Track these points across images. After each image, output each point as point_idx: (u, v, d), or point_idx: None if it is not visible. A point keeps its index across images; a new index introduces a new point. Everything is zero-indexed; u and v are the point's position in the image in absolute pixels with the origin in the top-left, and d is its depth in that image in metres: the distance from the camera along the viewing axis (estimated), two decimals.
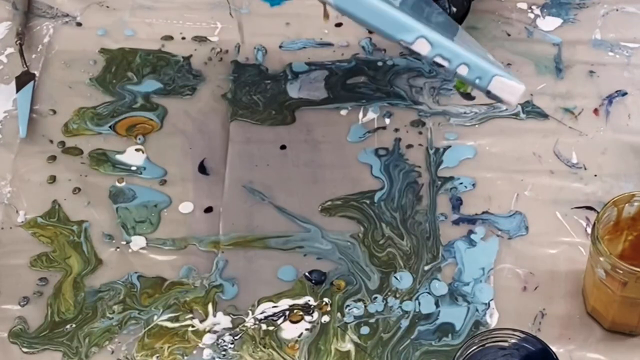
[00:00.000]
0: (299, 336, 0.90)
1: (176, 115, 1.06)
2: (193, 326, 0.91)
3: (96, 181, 1.01)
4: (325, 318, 0.91)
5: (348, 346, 0.90)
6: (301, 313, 0.91)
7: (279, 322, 0.91)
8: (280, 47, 1.11)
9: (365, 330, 0.90)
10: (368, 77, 1.08)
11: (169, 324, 0.92)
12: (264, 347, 0.90)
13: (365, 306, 0.92)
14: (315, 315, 0.92)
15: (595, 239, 0.84)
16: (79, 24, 1.14)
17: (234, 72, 1.09)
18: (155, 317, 0.92)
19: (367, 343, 0.90)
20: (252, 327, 0.91)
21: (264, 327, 0.91)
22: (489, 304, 0.91)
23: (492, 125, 1.04)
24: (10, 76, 1.09)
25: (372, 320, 0.91)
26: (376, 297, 0.92)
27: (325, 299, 0.92)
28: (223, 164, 1.02)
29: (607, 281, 0.85)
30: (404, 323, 0.91)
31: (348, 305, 0.92)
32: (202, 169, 1.02)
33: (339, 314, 0.91)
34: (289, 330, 0.91)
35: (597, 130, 1.03)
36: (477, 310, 0.91)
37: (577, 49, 1.09)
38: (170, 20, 1.14)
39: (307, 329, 0.91)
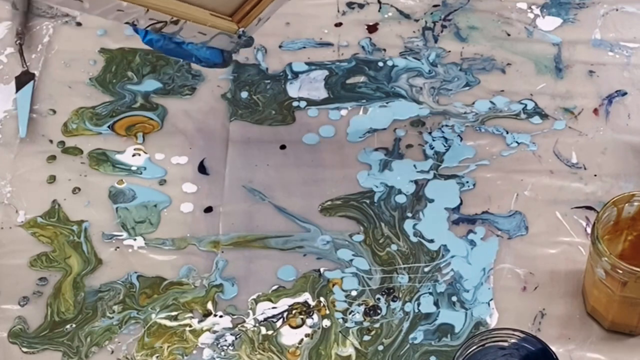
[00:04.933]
0: (300, 342, 0.90)
1: (176, 115, 1.06)
2: (191, 326, 0.91)
3: (96, 181, 1.01)
4: (327, 322, 0.91)
5: (349, 351, 0.90)
6: (301, 316, 0.91)
7: (278, 324, 0.91)
8: (280, 47, 1.11)
9: (367, 335, 0.90)
10: (368, 77, 1.08)
11: (168, 322, 0.92)
12: (263, 350, 0.90)
13: (368, 310, 0.92)
14: (315, 318, 0.91)
15: (595, 239, 0.84)
16: (79, 24, 1.14)
17: (234, 72, 1.09)
18: (154, 316, 0.92)
19: (368, 349, 0.90)
20: (252, 329, 0.91)
21: (263, 330, 0.91)
22: (488, 304, 0.91)
23: (492, 125, 1.04)
24: (10, 76, 1.09)
25: (376, 325, 0.91)
26: (379, 298, 0.92)
27: (322, 299, 0.92)
28: (223, 164, 1.02)
29: (607, 281, 0.85)
30: (405, 325, 0.91)
31: (352, 312, 0.92)
32: (202, 169, 1.02)
33: (340, 319, 0.91)
34: (289, 336, 0.91)
35: (597, 130, 1.03)
36: (477, 310, 0.91)
37: (577, 49, 1.09)
38: None
39: (307, 335, 0.91)
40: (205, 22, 0.88)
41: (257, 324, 0.91)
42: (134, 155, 1.03)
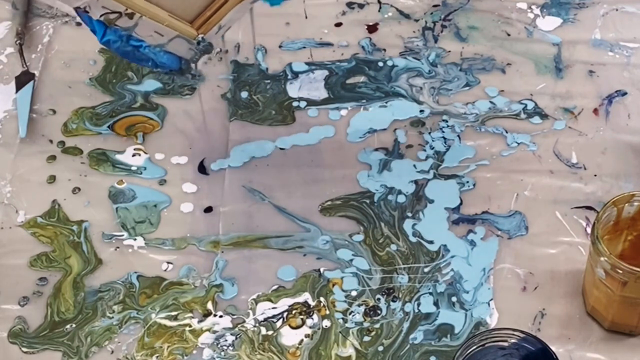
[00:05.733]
0: (300, 343, 0.90)
1: (176, 115, 1.06)
2: (190, 326, 0.91)
3: (96, 181, 1.01)
4: (327, 323, 0.91)
5: (349, 351, 0.90)
6: (301, 317, 0.91)
7: (278, 324, 0.91)
8: (280, 47, 1.11)
9: (367, 336, 0.90)
10: (368, 77, 1.08)
11: (168, 322, 0.92)
12: (263, 351, 0.90)
13: (368, 310, 0.92)
14: (315, 318, 0.91)
15: (595, 239, 0.84)
16: (79, 24, 1.13)
17: (234, 72, 1.09)
18: (154, 316, 0.92)
19: (368, 349, 0.90)
20: (252, 329, 0.91)
21: (263, 330, 0.91)
22: (488, 304, 0.91)
23: (492, 125, 1.04)
24: (10, 76, 1.09)
25: (376, 325, 0.91)
26: (379, 299, 0.92)
27: (322, 299, 0.92)
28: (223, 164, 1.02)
29: (607, 281, 0.85)
30: (405, 325, 0.91)
31: (352, 312, 0.92)
32: (202, 169, 1.02)
33: (340, 320, 0.91)
34: (289, 336, 0.91)
35: (596, 130, 1.03)
36: (477, 310, 0.91)
37: (577, 49, 1.09)
38: None
39: (307, 335, 0.91)
40: (162, 22, 0.86)
41: (257, 324, 0.91)
42: (134, 155, 1.03)
